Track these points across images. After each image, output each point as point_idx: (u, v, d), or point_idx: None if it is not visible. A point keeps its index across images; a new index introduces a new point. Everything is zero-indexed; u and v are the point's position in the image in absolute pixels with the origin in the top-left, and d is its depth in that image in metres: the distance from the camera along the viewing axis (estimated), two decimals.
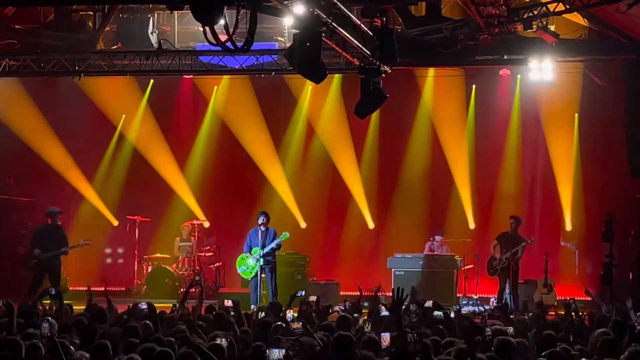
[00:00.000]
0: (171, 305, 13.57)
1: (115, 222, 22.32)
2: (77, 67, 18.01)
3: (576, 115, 20.99)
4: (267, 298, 17.98)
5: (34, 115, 22.14)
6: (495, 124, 21.75)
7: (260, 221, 18.20)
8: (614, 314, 11.96)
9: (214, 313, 11.49)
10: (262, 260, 18.02)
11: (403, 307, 10.06)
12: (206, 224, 22.10)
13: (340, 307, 12.92)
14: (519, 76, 20.47)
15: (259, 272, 18.02)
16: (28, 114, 22.08)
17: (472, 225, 21.55)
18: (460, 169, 21.60)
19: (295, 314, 11.90)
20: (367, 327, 10.45)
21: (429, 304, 12.53)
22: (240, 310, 11.47)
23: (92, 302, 12.49)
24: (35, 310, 11.63)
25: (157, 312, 11.21)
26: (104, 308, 11.64)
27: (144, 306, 11.59)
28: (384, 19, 14.54)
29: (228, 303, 12.09)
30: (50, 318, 9.24)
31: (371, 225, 22.17)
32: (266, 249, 18.06)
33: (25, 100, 21.79)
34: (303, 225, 22.14)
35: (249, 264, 18.17)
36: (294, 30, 12.93)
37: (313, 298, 13.32)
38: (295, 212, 22.17)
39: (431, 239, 20.29)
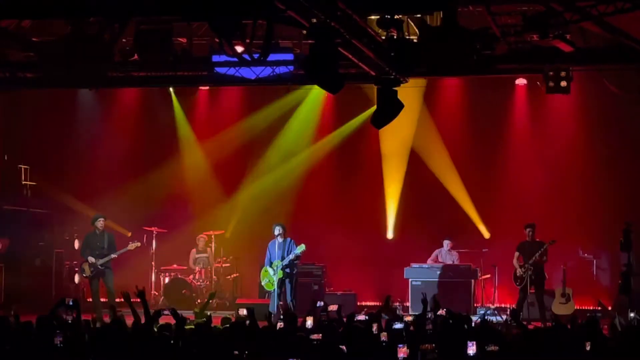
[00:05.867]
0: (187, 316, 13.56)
1: (129, 234, 21.96)
2: (93, 79, 18.08)
3: (593, 123, 20.92)
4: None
5: (51, 127, 22.24)
6: (511, 133, 21.72)
7: (276, 232, 18.23)
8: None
9: (229, 324, 11.48)
10: (281, 272, 18.05)
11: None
12: (225, 235, 22.05)
13: (364, 316, 12.84)
14: (535, 85, 20.41)
15: (278, 284, 18.04)
16: (45, 126, 22.18)
17: (486, 235, 21.48)
18: (475, 178, 21.55)
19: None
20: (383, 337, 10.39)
21: (442, 312, 12.48)
22: (254, 319, 11.43)
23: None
24: (54, 321, 11.63)
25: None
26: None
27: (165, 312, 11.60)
28: (400, 29, 14.52)
29: (243, 312, 12.09)
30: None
31: (390, 235, 22.11)
32: (284, 261, 18.09)
33: (42, 112, 21.89)
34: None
35: (270, 276, 18.18)
36: (310, 41, 12.94)
37: (334, 308, 13.26)
38: (312, 222, 22.13)
39: (437, 250, 20.35)
